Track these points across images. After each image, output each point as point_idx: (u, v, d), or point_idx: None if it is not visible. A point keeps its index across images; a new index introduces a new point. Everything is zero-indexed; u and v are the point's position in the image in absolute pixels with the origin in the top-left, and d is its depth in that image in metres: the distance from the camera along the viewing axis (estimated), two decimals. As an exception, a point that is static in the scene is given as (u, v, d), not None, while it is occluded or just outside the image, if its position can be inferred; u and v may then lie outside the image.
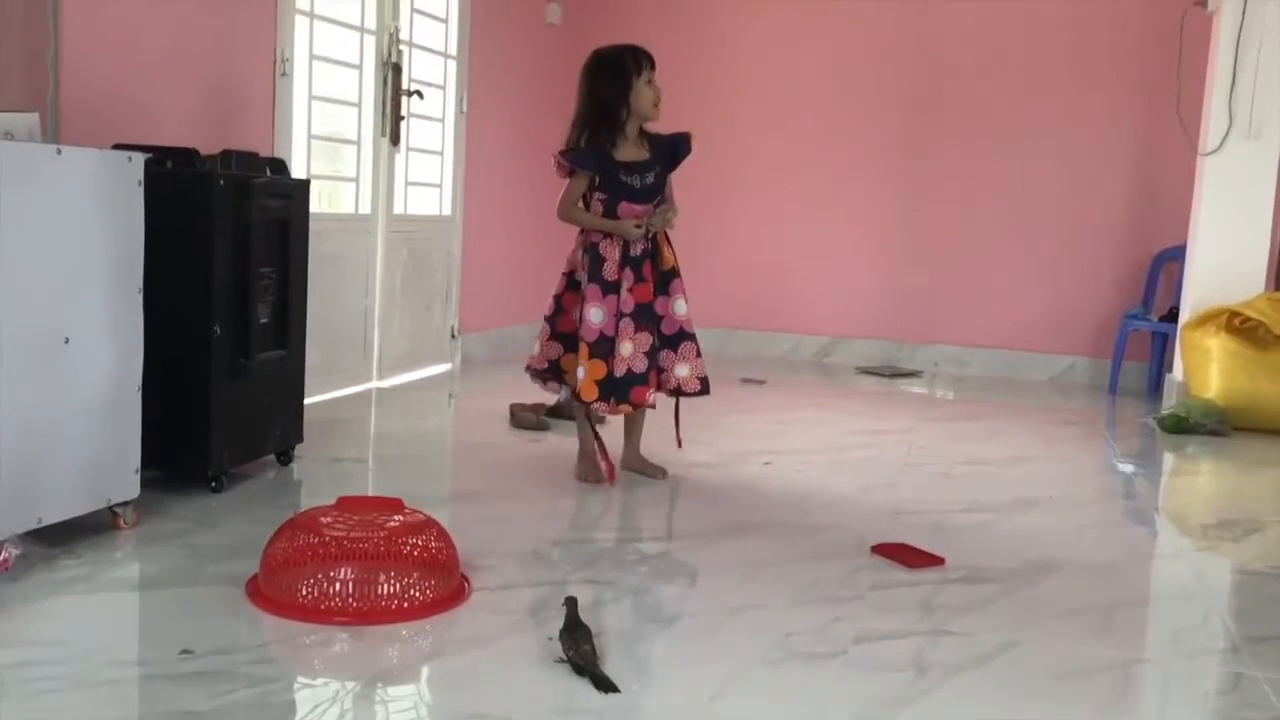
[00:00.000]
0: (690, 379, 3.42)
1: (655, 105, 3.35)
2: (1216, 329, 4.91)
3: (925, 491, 3.57)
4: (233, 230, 3.04)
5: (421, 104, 5.07)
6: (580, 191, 3.38)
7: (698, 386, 3.43)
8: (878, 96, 6.36)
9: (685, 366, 3.41)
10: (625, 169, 3.35)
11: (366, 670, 2.05)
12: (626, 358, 3.31)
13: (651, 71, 3.34)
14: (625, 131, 3.35)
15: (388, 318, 4.98)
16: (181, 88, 3.69)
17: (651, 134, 3.43)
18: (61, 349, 2.48)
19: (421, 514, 2.47)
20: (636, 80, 3.31)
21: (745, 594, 2.52)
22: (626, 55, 3.34)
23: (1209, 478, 4.31)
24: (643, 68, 3.32)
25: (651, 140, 3.42)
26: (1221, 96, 5.07)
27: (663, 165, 3.42)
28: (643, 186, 3.37)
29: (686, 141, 3.46)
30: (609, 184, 3.35)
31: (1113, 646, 2.35)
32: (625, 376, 3.31)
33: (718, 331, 6.64)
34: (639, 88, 3.32)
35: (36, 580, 2.36)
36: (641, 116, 3.35)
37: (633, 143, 3.38)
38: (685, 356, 3.42)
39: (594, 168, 3.34)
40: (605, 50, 3.39)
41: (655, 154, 3.41)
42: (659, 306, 3.40)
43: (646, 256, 3.38)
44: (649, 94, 3.32)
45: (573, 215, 3.40)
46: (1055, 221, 6.16)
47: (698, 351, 3.44)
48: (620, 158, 3.35)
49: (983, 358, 6.31)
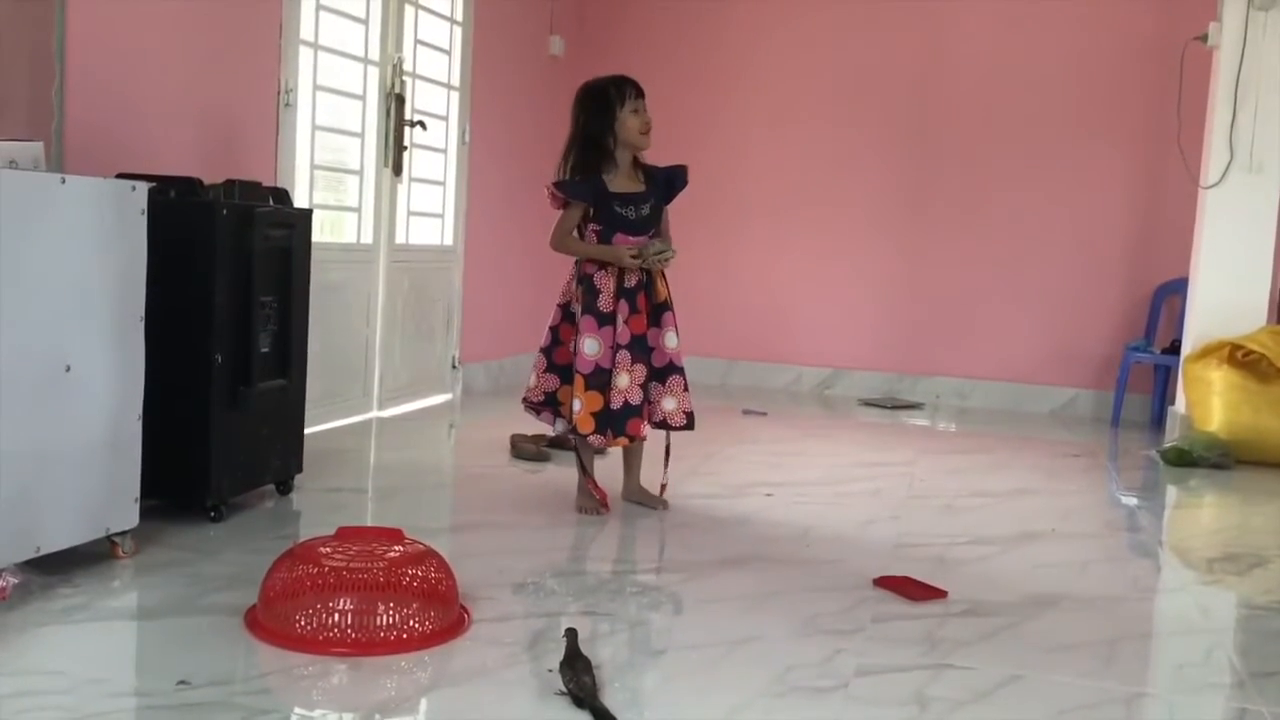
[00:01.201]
0: (676, 413, 3.40)
1: (643, 134, 3.34)
2: (1219, 362, 4.90)
3: (927, 524, 3.55)
4: (235, 259, 3.05)
5: (424, 134, 5.10)
6: (574, 222, 3.37)
7: (683, 421, 3.40)
8: (879, 130, 6.39)
9: (672, 400, 3.39)
10: (620, 200, 3.33)
11: (365, 702, 2.03)
12: (623, 389, 3.31)
13: (638, 100, 3.33)
14: (616, 161, 3.35)
15: (388, 348, 4.98)
16: (185, 117, 3.70)
17: (648, 166, 3.42)
18: (62, 377, 2.48)
19: (421, 544, 2.46)
20: (620, 110, 3.31)
21: (746, 626, 2.50)
22: (610, 86, 3.34)
23: (1212, 511, 4.29)
24: (626, 97, 3.31)
25: (647, 172, 3.41)
26: (1222, 130, 5.09)
27: (658, 198, 3.41)
28: (638, 218, 3.35)
29: (683, 174, 3.44)
30: (603, 215, 3.33)
31: (1116, 681, 2.32)
32: (622, 409, 3.31)
33: (720, 362, 6.64)
34: (624, 117, 3.31)
35: (34, 609, 2.35)
36: (630, 145, 3.34)
37: (626, 174, 3.37)
38: (672, 389, 3.40)
39: (588, 199, 3.33)
40: (591, 82, 3.40)
41: (651, 186, 3.39)
42: (651, 338, 3.39)
43: (641, 288, 3.36)
44: (634, 122, 3.32)
45: (567, 244, 3.39)
46: (1057, 254, 6.17)
47: (685, 386, 3.42)
48: (614, 189, 3.34)
49: (985, 390, 6.31)
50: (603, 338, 3.31)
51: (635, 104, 3.32)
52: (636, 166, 3.39)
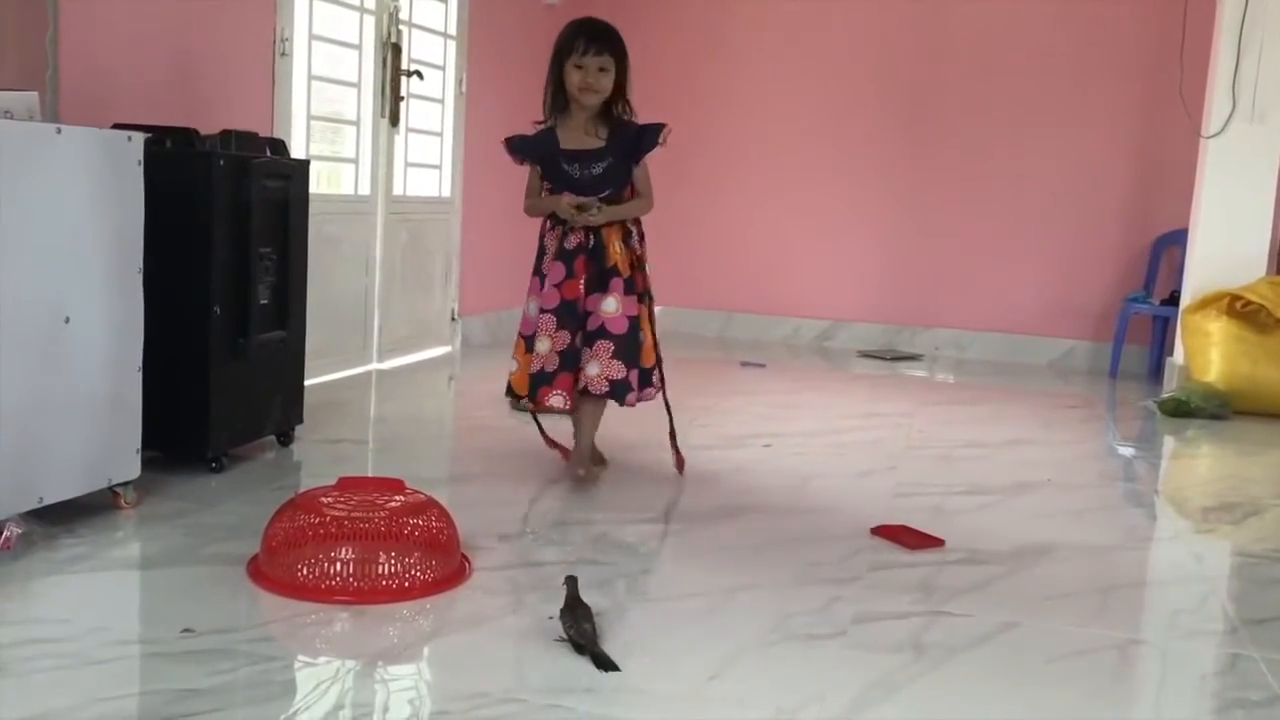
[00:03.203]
0: (599, 379, 3.07)
1: (582, 90, 3.07)
2: (1218, 313, 4.91)
3: (925, 474, 3.57)
4: (232, 211, 3.04)
5: (421, 84, 5.06)
6: (536, 182, 3.20)
7: (605, 388, 3.07)
8: (879, 81, 6.35)
9: (595, 365, 3.08)
10: (567, 157, 3.11)
11: (367, 649, 2.05)
12: (542, 355, 3.11)
13: (585, 56, 3.06)
14: (571, 113, 3.13)
15: (387, 300, 4.97)
16: (180, 67, 3.67)
17: (618, 121, 3.15)
18: (62, 329, 2.48)
19: (422, 494, 2.47)
20: (567, 60, 3.08)
21: (744, 574, 2.53)
22: (567, 31, 3.12)
23: (1209, 461, 4.31)
24: (575, 47, 3.06)
25: (614, 127, 3.14)
26: (1224, 79, 5.06)
27: (618, 156, 3.13)
28: (584, 177, 3.11)
29: (655, 133, 3.14)
30: (550, 172, 3.15)
31: (1111, 628, 2.35)
32: (537, 374, 3.12)
33: (719, 314, 6.64)
34: (568, 69, 3.08)
35: (38, 559, 2.37)
36: (574, 100, 3.11)
37: (583, 127, 3.13)
38: (598, 354, 3.08)
39: (533, 156, 3.16)
40: (571, 21, 3.18)
41: (613, 143, 3.12)
42: (589, 304, 3.12)
43: (583, 251, 3.12)
44: (575, 77, 3.07)
45: (530, 207, 3.24)
46: (1056, 205, 6.15)
47: (615, 353, 3.08)
48: (565, 144, 3.12)
49: (983, 341, 6.31)
50: (544, 300, 3.15)
51: (580, 59, 3.06)
52: (601, 120, 3.14)
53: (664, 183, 6.70)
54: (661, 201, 3.27)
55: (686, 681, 1.97)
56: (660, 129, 3.14)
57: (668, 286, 6.69)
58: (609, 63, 3.09)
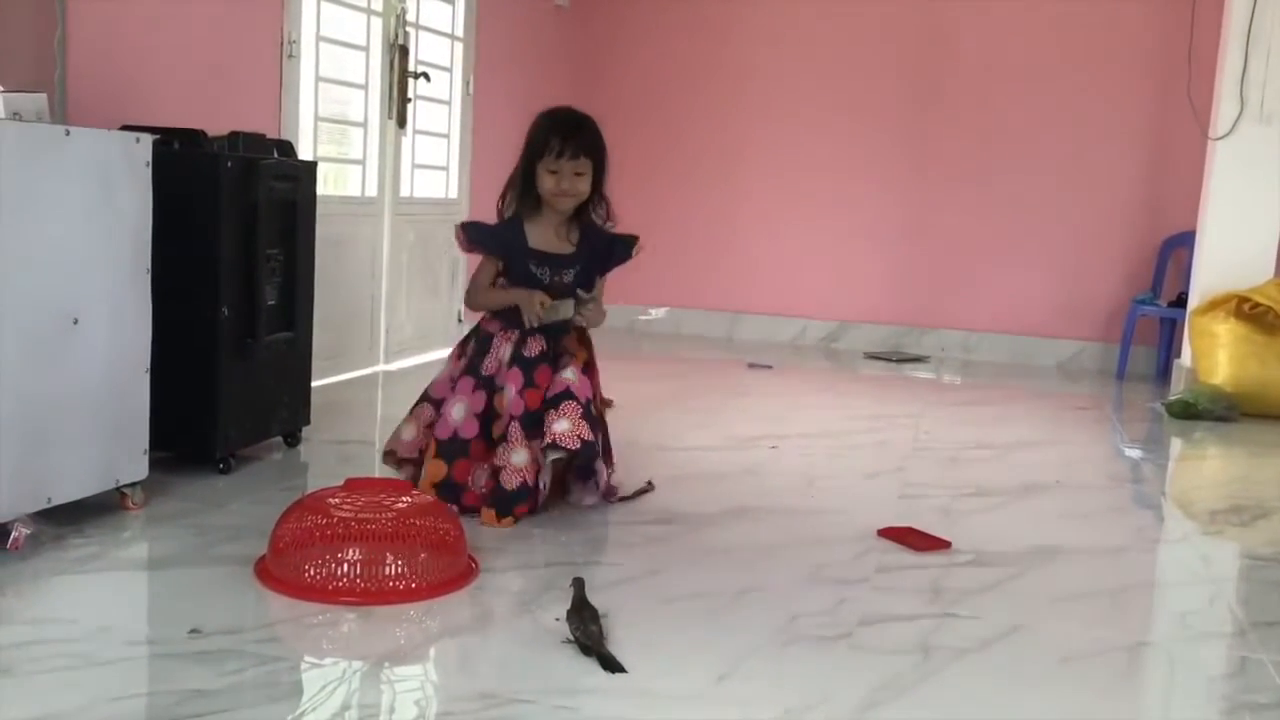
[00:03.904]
0: (570, 435, 2.74)
1: (556, 196, 2.86)
2: (1225, 314, 4.90)
3: (932, 476, 3.57)
4: (240, 211, 3.04)
5: (428, 86, 5.06)
6: (489, 276, 2.93)
7: (576, 444, 2.74)
8: (887, 83, 6.34)
9: (566, 422, 2.75)
10: (537, 259, 2.88)
11: (374, 650, 2.05)
12: (521, 468, 2.77)
13: (560, 160, 2.84)
14: (542, 213, 2.91)
15: (394, 301, 4.98)
16: (188, 69, 3.68)
17: (591, 226, 2.95)
18: (70, 330, 2.49)
19: (429, 495, 2.47)
20: (539, 162, 2.86)
21: (751, 576, 2.53)
22: (544, 126, 2.90)
23: (1216, 463, 4.30)
24: (550, 148, 2.84)
25: (585, 233, 2.94)
26: (1233, 80, 5.04)
27: (587, 266, 2.94)
28: (555, 283, 2.89)
29: (627, 248, 2.97)
30: (515, 272, 2.89)
31: (1119, 630, 2.34)
32: (519, 489, 2.77)
33: (726, 315, 6.64)
34: (540, 171, 2.86)
35: (47, 559, 2.37)
36: (547, 203, 2.90)
37: (554, 228, 2.92)
38: (566, 413, 2.76)
39: (498, 250, 2.91)
40: (543, 112, 2.96)
41: (583, 250, 2.92)
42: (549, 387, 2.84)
43: (545, 360, 2.85)
44: (548, 182, 2.85)
45: (479, 300, 2.95)
46: (1064, 206, 6.14)
47: (583, 414, 2.78)
48: (534, 243, 2.89)
49: (990, 343, 6.30)
50: (473, 403, 2.85)
51: (555, 162, 2.84)
52: (574, 222, 2.93)
53: (671, 184, 6.74)
54: (668, 202, 3.27)
55: (693, 682, 1.96)
56: (633, 242, 2.99)
57: (674, 288, 6.71)
58: (586, 166, 2.88)
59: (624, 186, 7.26)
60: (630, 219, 3.14)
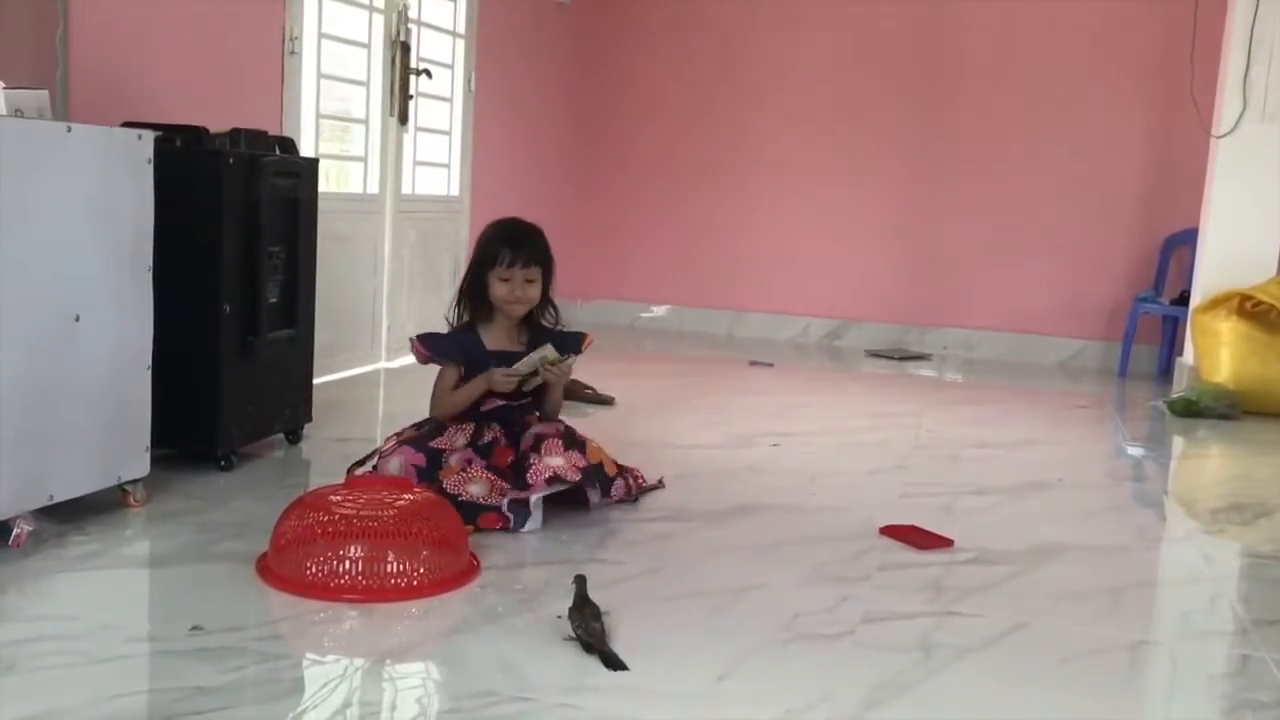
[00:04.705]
0: (568, 467, 2.80)
1: (509, 303, 2.94)
2: (1228, 313, 4.89)
3: (934, 474, 3.56)
4: (242, 208, 3.04)
5: (430, 83, 5.06)
6: (452, 381, 2.96)
7: (577, 476, 2.81)
8: (889, 80, 6.34)
9: (558, 458, 2.81)
10: (498, 359, 2.94)
11: (375, 648, 2.05)
12: (479, 496, 2.76)
13: (511, 269, 2.91)
14: (495, 319, 2.99)
15: (395, 298, 4.98)
16: (190, 65, 3.68)
17: (540, 328, 3.03)
18: (72, 327, 2.49)
19: (431, 493, 2.47)
20: (491, 271, 2.93)
21: (753, 574, 2.52)
22: (494, 236, 2.98)
23: (1218, 461, 4.30)
24: (500, 258, 2.91)
25: (535, 335, 3.01)
26: (1236, 78, 5.04)
27: None
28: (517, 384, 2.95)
29: (577, 343, 3.03)
30: (476, 374, 2.94)
31: (1120, 628, 2.34)
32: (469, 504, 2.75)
33: (727, 313, 6.64)
34: (492, 280, 2.94)
35: (48, 556, 2.37)
36: (499, 310, 2.97)
37: (505, 332, 3.00)
38: (552, 450, 2.83)
39: (457, 357, 2.96)
40: (492, 223, 3.06)
41: (534, 348, 2.95)
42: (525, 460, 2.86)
43: (497, 445, 2.90)
44: (501, 290, 2.92)
45: (445, 407, 2.95)
46: (1066, 205, 6.13)
47: (565, 446, 2.85)
48: (491, 345, 2.97)
49: (992, 341, 6.30)
50: (415, 461, 2.82)
51: (507, 271, 2.91)
52: (523, 325, 3.02)
53: (672, 182, 6.73)
54: (669, 201, 3.26)
55: (695, 680, 1.96)
56: (582, 339, 3.07)
57: (676, 286, 6.71)
58: (536, 273, 2.96)
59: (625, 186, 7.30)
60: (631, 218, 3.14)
